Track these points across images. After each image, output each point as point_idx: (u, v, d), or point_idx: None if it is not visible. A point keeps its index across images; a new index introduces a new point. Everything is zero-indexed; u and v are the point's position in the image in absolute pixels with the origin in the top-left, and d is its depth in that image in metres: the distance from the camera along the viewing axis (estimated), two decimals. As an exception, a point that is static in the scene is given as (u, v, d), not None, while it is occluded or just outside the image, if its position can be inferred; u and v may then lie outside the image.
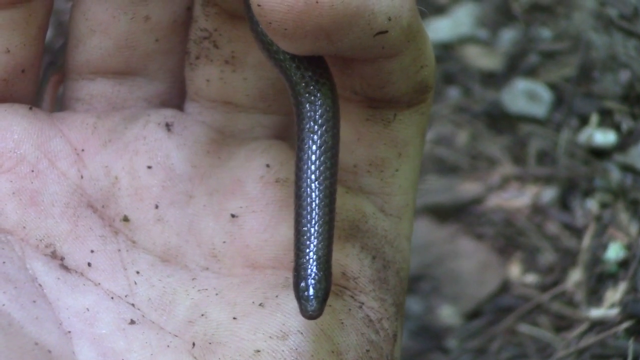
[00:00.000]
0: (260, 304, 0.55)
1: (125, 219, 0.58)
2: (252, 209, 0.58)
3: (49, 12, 0.60)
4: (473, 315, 0.92)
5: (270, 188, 0.58)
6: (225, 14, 0.59)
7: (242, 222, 0.57)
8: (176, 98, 0.63)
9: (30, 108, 0.59)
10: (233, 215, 0.58)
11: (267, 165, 0.58)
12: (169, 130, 0.60)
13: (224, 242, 0.57)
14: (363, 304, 0.57)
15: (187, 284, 0.57)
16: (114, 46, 0.60)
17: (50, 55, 0.66)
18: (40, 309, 0.54)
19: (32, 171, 0.57)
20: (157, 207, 0.58)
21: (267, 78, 0.60)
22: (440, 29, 1.07)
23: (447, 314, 0.92)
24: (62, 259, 0.56)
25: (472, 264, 0.94)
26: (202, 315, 0.56)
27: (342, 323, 0.56)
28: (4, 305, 0.53)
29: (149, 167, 0.59)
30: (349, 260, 0.57)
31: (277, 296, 0.55)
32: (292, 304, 0.55)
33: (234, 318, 0.55)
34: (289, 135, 0.60)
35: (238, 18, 0.58)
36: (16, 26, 0.58)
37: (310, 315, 0.50)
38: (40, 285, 0.55)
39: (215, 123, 0.60)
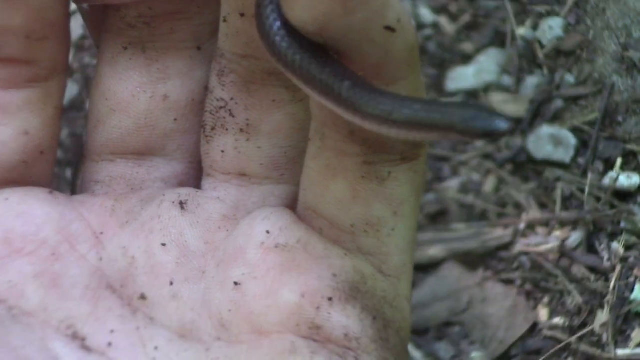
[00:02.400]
0: None
1: (143, 297, 0.59)
2: (253, 275, 0.58)
3: (64, 92, 0.61)
4: (503, 359, 0.93)
5: (270, 254, 0.58)
6: (241, 82, 0.59)
7: (245, 289, 0.58)
8: (193, 179, 0.64)
9: (50, 192, 0.60)
10: (236, 283, 0.58)
11: (267, 232, 0.58)
12: (182, 208, 0.60)
13: (230, 310, 0.58)
14: None
15: (202, 355, 0.58)
16: (133, 126, 0.62)
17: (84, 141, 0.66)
18: None
19: (53, 254, 0.58)
20: (171, 283, 0.59)
21: (281, 146, 0.61)
22: (465, 77, 1.08)
23: (477, 358, 0.93)
24: (83, 339, 0.57)
25: (501, 309, 0.95)
26: None
27: None
28: None
29: (163, 245, 0.59)
30: (350, 321, 0.57)
31: None
32: None
33: None
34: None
35: (253, 84, 0.59)
36: (34, 107, 0.59)
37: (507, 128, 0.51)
38: None
39: (229, 198, 0.61)
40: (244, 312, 0.58)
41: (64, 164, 1.09)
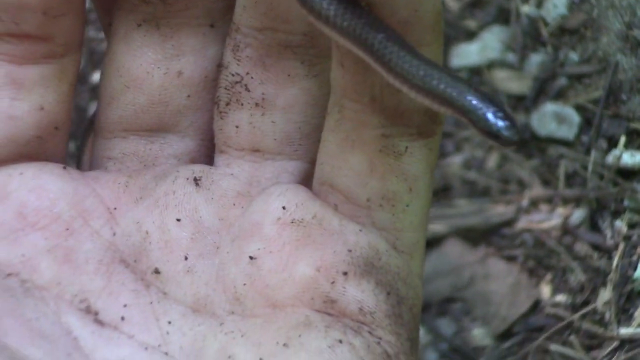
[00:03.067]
0: (284, 344, 0.56)
1: (156, 272, 0.59)
2: (269, 249, 0.58)
3: (78, 69, 0.62)
4: (505, 335, 0.93)
5: (286, 229, 0.59)
6: (257, 56, 0.60)
7: (260, 263, 0.58)
8: (204, 156, 0.64)
9: (64, 167, 0.61)
10: (252, 257, 0.59)
11: (284, 208, 0.59)
12: (197, 184, 0.61)
13: (244, 284, 0.58)
14: (381, 339, 0.58)
15: (215, 329, 0.58)
16: (147, 102, 0.62)
17: (91, 116, 0.67)
18: None
19: (67, 229, 0.58)
20: (186, 258, 0.59)
21: (295, 121, 0.61)
22: (469, 53, 1.08)
23: (479, 335, 0.93)
24: (96, 313, 0.57)
25: (503, 286, 0.95)
26: (229, 357, 0.57)
27: None
28: None
29: (178, 220, 0.60)
30: (365, 295, 0.58)
31: (300, 335, 0.56)
32: (314, 342, 0.56)
33: (261, 359, 0.56)
34: (310, 183, 0.62)
35: (269, 58, 0.60)
36: (49, 83, 0.59)
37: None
38: (75, 338, 0.56)
39: (243, 174, 0.62)
40: (259, 285, 0.58)
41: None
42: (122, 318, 0.57)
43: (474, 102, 0.51)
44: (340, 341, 0.56)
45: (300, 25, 0.57)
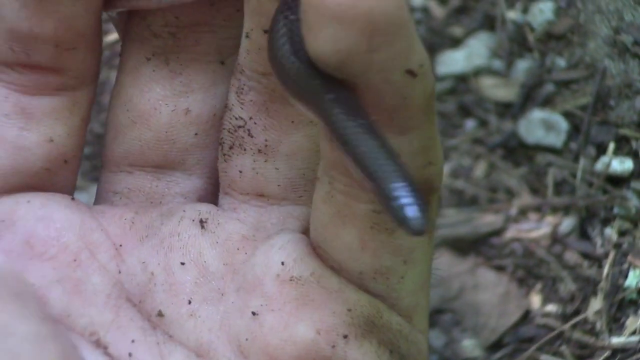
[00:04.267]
0: None
1: (160, 314, 0.59)
2: (271, 307, 0.58)
3: (92, 103, 0.61)
4: (495, 346, 0.92)
5: (286, 287, 0.58)
6: (260, 101, 0.59)
7: (262, 320, 0.58)
8: (211, 194, 0.63)
9: (72, 199, 0.60)
10: (254, 313, 0.58)
11: (282, 263, 0.58)
12: (202, 227, 0.60)
13: (247, 339, 0.58)
14: None
15: None
16: (153, 138, 0.61)
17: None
18: None
19: (75, 260, 0.58)
20: (190, 302, 0.59)
21: (298, 168, 0.60)
22: (455, 61, 1.08)
23: (469, 346, 0.92)
24: (105, 347, 0.57)
25: (493, 296, 0.94)
26: None
27: None
28: None
29: (182, 264, 0.59)
30: (367, 358, 0.57)
31: None
32: None
33: None
34: None
35: (272, 104, 0.59)
36: (60, 115, 0.59)
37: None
38: None
39: (249, 219, 0.61)
40: (262, 343, 0.58)
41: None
42: (130, 354, 0.57)
43: (391, 191, 0.48)
44: None
45: None
